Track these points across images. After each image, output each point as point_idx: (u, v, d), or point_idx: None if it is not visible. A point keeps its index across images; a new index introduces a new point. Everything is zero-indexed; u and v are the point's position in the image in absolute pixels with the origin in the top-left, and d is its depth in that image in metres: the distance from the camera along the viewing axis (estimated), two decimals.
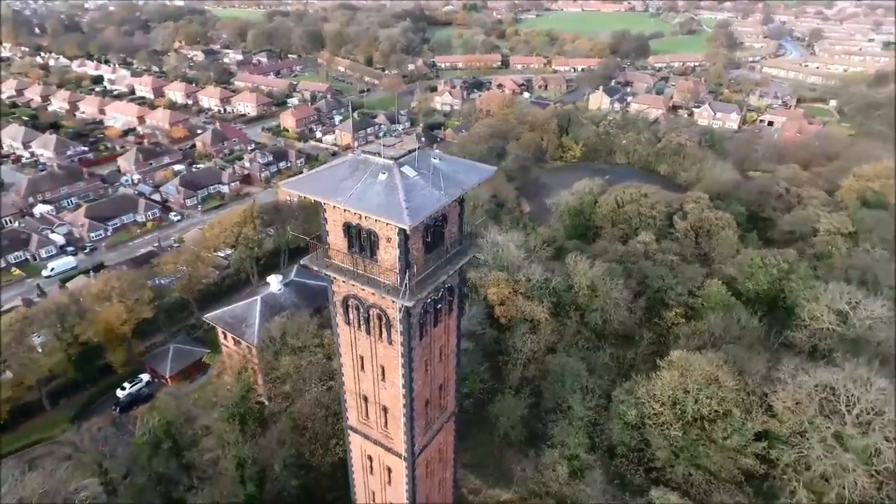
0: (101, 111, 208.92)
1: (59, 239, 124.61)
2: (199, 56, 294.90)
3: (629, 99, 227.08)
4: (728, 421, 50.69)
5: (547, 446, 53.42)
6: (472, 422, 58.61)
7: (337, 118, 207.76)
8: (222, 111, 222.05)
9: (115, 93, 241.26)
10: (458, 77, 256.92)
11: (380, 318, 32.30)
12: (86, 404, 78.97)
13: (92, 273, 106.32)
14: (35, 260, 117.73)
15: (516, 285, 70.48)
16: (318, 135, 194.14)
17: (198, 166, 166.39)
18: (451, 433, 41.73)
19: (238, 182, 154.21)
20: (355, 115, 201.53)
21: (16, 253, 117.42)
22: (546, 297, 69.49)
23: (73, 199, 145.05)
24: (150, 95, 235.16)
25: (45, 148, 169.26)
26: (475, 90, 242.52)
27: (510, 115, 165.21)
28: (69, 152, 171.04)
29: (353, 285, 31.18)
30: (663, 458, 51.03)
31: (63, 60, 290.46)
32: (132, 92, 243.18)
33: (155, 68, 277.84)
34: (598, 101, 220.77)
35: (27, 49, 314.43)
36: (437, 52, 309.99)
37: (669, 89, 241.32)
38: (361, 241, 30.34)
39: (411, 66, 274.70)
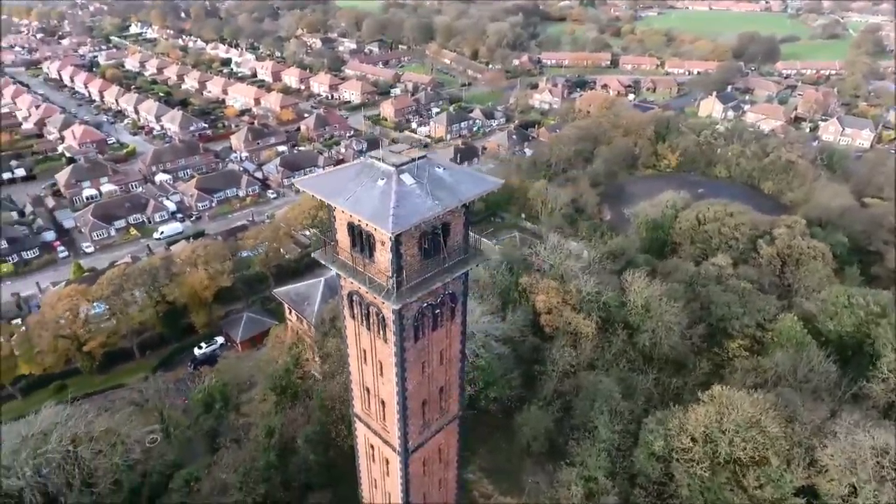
0: (225, 91, 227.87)
1: (171, 206, 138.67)
2: (317, 43, 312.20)
3: (745, 107, 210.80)
4: (764, 469, 46.80)
5: (566, 463, 52.37)
6: (497, 426, 58.72)
7: (434, 110, 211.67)
8: (330, 97, 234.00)
9: (239, 75, 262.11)
10: (561, 75, 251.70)
11: (377, 316, 33.66)
12: (168, 357, 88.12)
13: (191, 239, 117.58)
14: (149, 223, 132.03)
15: (567, 295, 69.08)
16: (414, 125, 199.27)
17: (299, 149, 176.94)
18: (454, 436, 42.38)
19: (332, 166, 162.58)
20: (451, 108, 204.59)
21: (135, 215, 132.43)
22: (595, 311, 67.47)
23: (188, 170, 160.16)
24: (269, 79, 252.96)
25: (172, 122, 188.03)
26: (577, 89, 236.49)
27: (604, 117, 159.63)
28: (192, 128, 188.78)
29: (352, 283, 32.75)
30: (685, 496, 48.20)
31: (200, 43, 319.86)
32: (254, 75, 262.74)
33: (277, 53, 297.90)
34: (710, 107, 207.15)
35: (172, 31, 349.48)
36: (545, 48, 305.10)
37: (795, 99, 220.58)
38: (362, 241, 31.77)
39: (516, 62, 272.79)
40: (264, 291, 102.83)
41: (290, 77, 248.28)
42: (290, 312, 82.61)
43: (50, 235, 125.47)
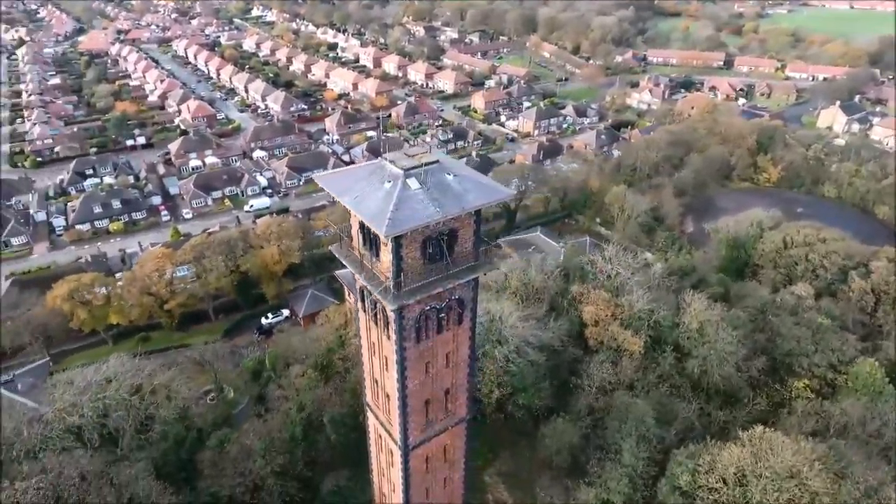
0: (327, 75, 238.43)
1: (263, 181, 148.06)
2: (420, 31, 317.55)
3: (875, 120, 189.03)
4: None
5: (585, 482, 50.86)
6: (524, 433, 58.09)
7: (525, 104, 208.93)
8: (425, 86, 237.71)
9: (342, 59, 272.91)
10: (666, 74, 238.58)
11: (383, 313, 34.53)
12: (238, 323, 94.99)
13: (275, 214, 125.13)
14: (242, 195, 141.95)
15: (617, 309, 66.50)
16: (503, 119, 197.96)
17: (388, 135, 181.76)
18: (461, 438, 42.60)
19: None
20: (542, 103, 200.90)
21: (230, 187, 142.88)
22: (645, 330, 64.41)
23: (283, 148, 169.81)
24: (370, 65, 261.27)
25: (275, 102, 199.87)
26: (681, 90, 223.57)
27: (701, 122, 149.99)
28: (292, 108, 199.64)
29: (357, 277, 33.80)
30: None
31: (311, 27, 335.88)
32: (357, 60, 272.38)
33: (381, 40, 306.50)
34: (831, 118, 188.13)
35: (288, 15, 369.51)
36: (652, 44, 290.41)
37: None
38: (370, 240, 32.66)
39: (618, 58, 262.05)
40: (332, 271, 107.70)
41: (390, 64, 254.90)
42: (349, 294, 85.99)
43: (157, 200, 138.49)
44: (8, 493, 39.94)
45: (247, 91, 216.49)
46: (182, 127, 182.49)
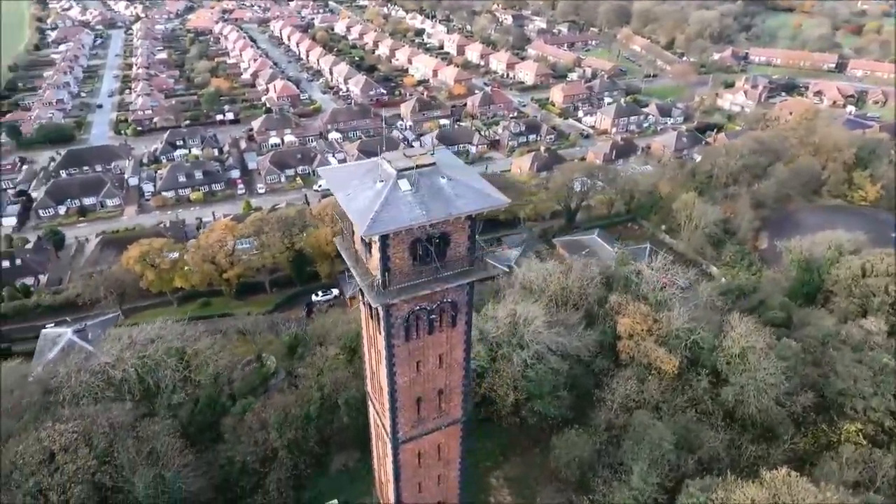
0: (409, 61, 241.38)
1: (334, 162, 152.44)
2: (507, 20, 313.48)
3: None
4: None
5: (590, 500, 49.37)
6: (537, 440, 57.15)
7: (606, 100, 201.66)
8: (505, 76, 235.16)
9: (427, 46, 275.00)
10: (766, 75, 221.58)
11: (375, 308, 35.08)
12: (290, 297, 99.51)
13: None
14: (312, 175, 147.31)
15: (655, 324, 63.55)
16: (580, 114, 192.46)
17: (461, 124, 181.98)
18: (456, 439, 42.69)
19: (485, 146, 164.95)
20: (623, 100, 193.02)
21: (303, 166, 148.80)
22: (682, 350, 61.10)
23: (357, 131, 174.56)
24: (453, 52, 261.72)
25: (356, 86, 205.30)
26: (782, 93, 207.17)
27: (792, 130, 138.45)
28: (371, 92, 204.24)
29: (353, 271, 34.52)
30: None
31: (402, 12, 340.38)
32: (441, 47, 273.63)
33: (468, 27, 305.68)
34: None
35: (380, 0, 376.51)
36: (756, 42, 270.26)
37: None
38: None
39: (715, 56, 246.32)
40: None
41: (473, 52, 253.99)
42: None
43: (235, 173, 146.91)
44: (49, 433, 44.66)
45: (331, 73, 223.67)
46: (268, 105, 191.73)
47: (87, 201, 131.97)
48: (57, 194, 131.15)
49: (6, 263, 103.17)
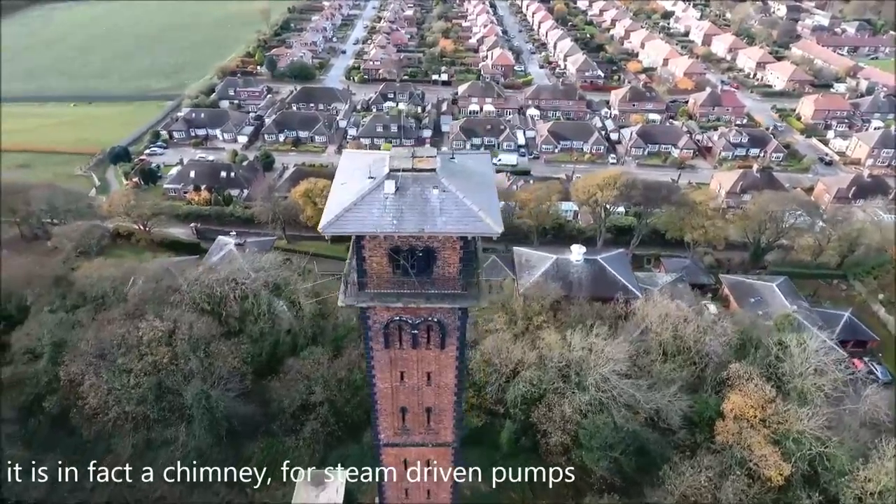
0: (642, 45, 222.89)
1: (521, 139, 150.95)
2: (781, 10, 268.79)
3: None
4: None
5: None
6: (575, 492, 50.39)
7: (874, 123, 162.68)
8: (752, 75, 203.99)
9: (670, 31, 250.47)
10: None
11: None
12: None
13: (508, 174, 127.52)
14: (497, 147, 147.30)
15: (774, 416, 50.72)
16: (831, 134, 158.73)
17: (673, 122, 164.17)
18: (447, 463, 39.69)
19: (692, 151, 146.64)
20: None
21: (489, 137, 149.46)
22: (802, 460, 47.68)
23: (557, 112, 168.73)
24: (697, 41, 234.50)
25: (573, 64, 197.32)
26: None
27: None
28: (587, 73, 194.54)
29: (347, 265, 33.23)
30: None
31: None
32: (686, 34, 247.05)
33: (727, 14, 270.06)
34: None
35: None
36: None
37: None
38: None
39: None
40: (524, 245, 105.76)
41: (721, 43, 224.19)
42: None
43: (427, 133, 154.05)
44: (148, 325, 52.92)
45: (554, 48, 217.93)
46: (482, 72, 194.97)
47: (302, 134, 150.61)
48: (281, 123, 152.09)
49: (223, 174, 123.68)
